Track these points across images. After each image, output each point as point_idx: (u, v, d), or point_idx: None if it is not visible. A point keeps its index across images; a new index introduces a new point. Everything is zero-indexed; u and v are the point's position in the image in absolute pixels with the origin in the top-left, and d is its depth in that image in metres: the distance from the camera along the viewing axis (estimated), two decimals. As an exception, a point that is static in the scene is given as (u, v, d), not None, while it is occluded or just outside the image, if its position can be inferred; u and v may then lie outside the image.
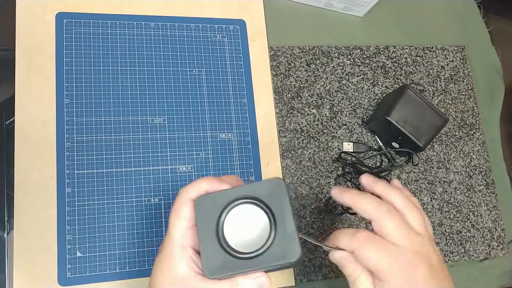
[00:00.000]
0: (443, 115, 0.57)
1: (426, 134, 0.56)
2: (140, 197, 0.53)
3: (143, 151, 0.55)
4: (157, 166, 0.55)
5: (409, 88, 0.57)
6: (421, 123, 0.56)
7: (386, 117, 0.56)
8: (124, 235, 0.52)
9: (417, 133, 0.56)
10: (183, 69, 0.59)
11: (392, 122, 0.56)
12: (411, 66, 0.68)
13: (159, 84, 0.57)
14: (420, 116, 0.56)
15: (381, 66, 0.66)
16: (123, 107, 0.56)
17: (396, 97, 0.57)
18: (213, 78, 0.59)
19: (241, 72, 0.60)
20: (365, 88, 0.65)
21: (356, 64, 0.65)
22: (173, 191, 0.54)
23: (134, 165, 0.54)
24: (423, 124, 0.56)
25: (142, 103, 0.56)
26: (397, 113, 0.56)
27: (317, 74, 0.63)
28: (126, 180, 0.53)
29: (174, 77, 0.58)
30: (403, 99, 0.56)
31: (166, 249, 0.35)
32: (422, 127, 0.56)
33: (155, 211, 0.53)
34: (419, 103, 0.56)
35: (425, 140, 0.56)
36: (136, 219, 0.53)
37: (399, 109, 0.56)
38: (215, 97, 0.59)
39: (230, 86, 0.60)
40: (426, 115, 0.56)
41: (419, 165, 0.62)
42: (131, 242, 0.52)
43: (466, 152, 0.66)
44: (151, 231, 0.53)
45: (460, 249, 0.62)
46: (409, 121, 0.56)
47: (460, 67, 0.69)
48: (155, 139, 0.56)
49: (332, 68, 0.64)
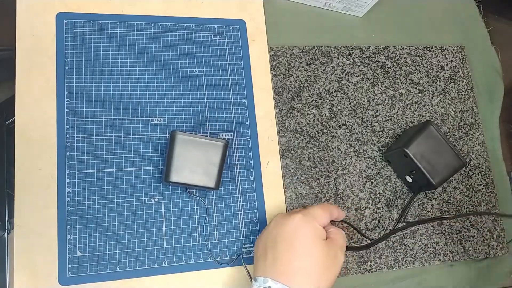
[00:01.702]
0: (462, 158, 0.56)
1: (441, 173, 0.56)
2: (140, 197, 0.53)
3: (143, 151, 0.54)
4: (157, 166, 0.55)
5: (432, 124, 0.57)
6: (438, 161, 0.56)
7: (404, 148, 0.55)
8: (124, 234, 0.52)
9: (433, 170, 0.55)
10: (183, 69, 0.59)
11: (409, 154, 0.55)
12: (411, 66, 0.67)
13: (159, 84, 0.57)
14: (439, 154, 0.56)
15: (381, 66, 0.66)
16: (123, 107, 0.56)
17: (418, 131, 0.57)
18: (213, 78, 0.59)
19: (241, 72, 0.60)
20: (365, 88, 0.65)
21: (356, 64, 0.65)
22: (173, 191, 0.54)
23: (134, 165, 0.54)
24: (440, 162, 0.56)
25: (142, 103, 0.56)
26: (416, 147, 0.55)
27: (317, 74, 0.63)
28: (126, 180, 0.53)
29: (174, 77, 0.58)
30: (425, 134, 0.56)
31: None
32: (439, 165, 0.56)
33: (155, 211, 0.53)
34: (440, 141, 0.56)
35: (439, 178, 0.56)
36: (136, 219, 0.53)
37: (419, 143, 0.56)
38: (215, 97, 0.58)
39: (230, 86, 0.60)
40: (445, 154, 0.56)
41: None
42: (131, 241, 0.52)
43: (465, 152, 0.66)
44: (151, 231, 0.53)
45: (460, 248, 0.62)
46: (426, 157, 0.55)
47: (459, 67, 0.69)
48: (155, 139, 0.55)
49: (332, 68, 0.64)
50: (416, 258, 0.60)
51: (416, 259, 0.60)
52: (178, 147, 0.51)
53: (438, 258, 0.61)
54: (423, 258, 0.60)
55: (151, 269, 0.52)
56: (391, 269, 0.59)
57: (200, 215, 0.55)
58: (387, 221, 0.61)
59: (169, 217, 0.54)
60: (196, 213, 0.55)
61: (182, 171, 0.51)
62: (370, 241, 0.56)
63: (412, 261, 0.60)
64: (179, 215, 0.54)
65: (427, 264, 0.60)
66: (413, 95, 0.66)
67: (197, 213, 0.55)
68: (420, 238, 0.61)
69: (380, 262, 0.59)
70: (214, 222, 0.55)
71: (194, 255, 0.54)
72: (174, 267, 0.53)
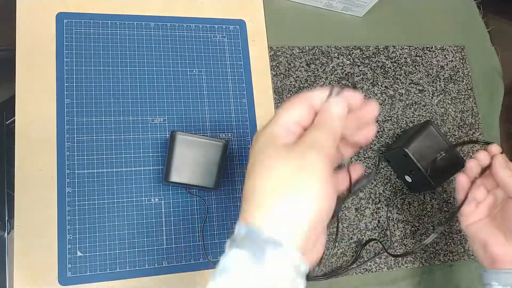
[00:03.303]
0: (461, 158, 0.56)
1: (441, 174, 0.55)
2: (140, 197, 0.53)
3: (143, 151, 0.55)
4: (157, 166, 0.55)
5: (432, 124, 0.56)
6: (437, 162, 0.55)
7: (404, 148, 0.55)
8: (124, 235, 0.52)
9: (432, 170, 0.55)
10: (183, 69, 0.59)
11: (408, 154, 0.55)
12: (411, 66, 0.68)
13: (159, 84, 0.57)
14: (438, 154, 0.55)
15: (381, 66, 0.66)
16: (123, 107, 0.56)
17: (417, 131, 0.56)
18: (213, 78, 0.59)
19: (241, 72, 0.61)
20: (365, 88, 0.65)
21: (356, 64, 0.65)
22: (172, 191, 0.54)
23: (134, 165, 0.54)
24: (439, 163, 0.55)
25: (142, 103, 0.56)
26: (415, 147, 0.55)
27: (317, 74, 0.63)
28: (126, 180, 0.54)
29: (174, 77, 0.58)
30: (424, 134, 0.55)
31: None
32: (438, 165, 0.55)
33: (155, 211, 0.53)
34: (440, 141, 0.56)
35: (438, 179, 0.55)
36: (136, 219, 0.53)
37: (418, 143, 0.55)
38: (215, 97, 0.59)
39: (230, 86, 0.60)
40: (444, 155, 0.56)
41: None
42: (131, 242, 0.52)
43: (465, 152, 0.66)
44: (151, 231, 0.53)
45: (460, 248, 0.62)
46: (425, 157, 0.55)
47: (459, 67, 0.70)
48: (155, 139, 0.56)
49: (331, 68, 0.64)
50: (416, 258, 0.60)
51: (416, 259, 0.60)
52: (178, 147, 0.51)
53: (438, 258, 0.61)
54: (423, 258, 0.60)
55: (151, 269, 0.52)
56: (391, 269, 0.59)
57: (200, 215, 0.55)
58: (386, 221, 0.61)
59: (169, 217, 0.54)
60: (196, 213, 0.55)
61: (182, 171, 0.51)
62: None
63: (412, 261, 0.60)
64: (179, 215, 0.54)
65: (427, 264, 0.60)
66: (413, 95, 0.67)
67: (197, 213, 0.55)
68: (420, 238, 0.61)
69: (380, 262, 0.59)
70: (214, 222, 0.55)
71: (194, 255, 0.54)
72: (174, 267, 0.53)
